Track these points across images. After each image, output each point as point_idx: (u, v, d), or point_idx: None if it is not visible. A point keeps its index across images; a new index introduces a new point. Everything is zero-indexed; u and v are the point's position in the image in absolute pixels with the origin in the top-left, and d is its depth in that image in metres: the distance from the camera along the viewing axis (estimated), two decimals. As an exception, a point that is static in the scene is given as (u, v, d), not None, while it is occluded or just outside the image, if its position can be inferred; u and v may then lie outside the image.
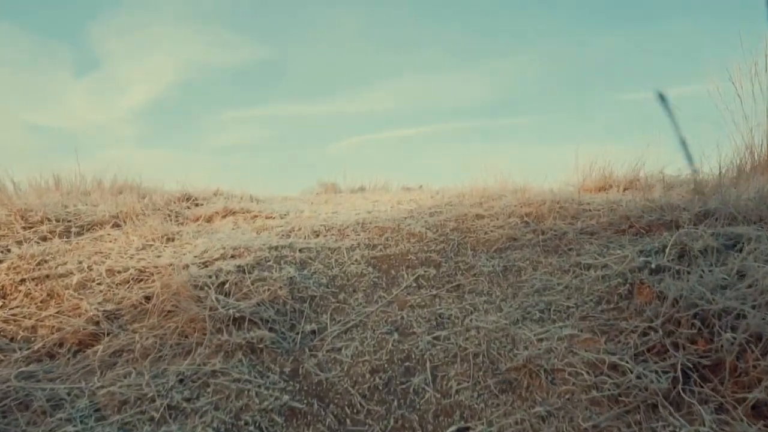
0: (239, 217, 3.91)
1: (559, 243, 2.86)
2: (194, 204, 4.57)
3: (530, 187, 4.65)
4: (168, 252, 2.96)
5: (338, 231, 3.35)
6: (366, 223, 3.48)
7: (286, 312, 2.34)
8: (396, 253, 2.92)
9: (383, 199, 5.00)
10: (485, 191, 4.42)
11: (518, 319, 2.22)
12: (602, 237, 2.87)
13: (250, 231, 3.45)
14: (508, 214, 3.37)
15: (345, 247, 3.02)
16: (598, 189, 4.47)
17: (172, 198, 4.58)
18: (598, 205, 3.37)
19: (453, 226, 3.28)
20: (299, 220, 3.66)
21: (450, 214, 3.54)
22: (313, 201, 5.52)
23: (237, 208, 4.03)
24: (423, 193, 5.03)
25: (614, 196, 3.53)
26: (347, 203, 5.04)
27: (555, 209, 3.31)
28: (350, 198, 5.66)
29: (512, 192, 4.37)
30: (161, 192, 5.12)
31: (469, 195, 4.31)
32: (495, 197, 4.12)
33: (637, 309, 2.12)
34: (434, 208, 3.93)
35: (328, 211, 4.15)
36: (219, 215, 3.98)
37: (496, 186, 4.62)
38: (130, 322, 2.37)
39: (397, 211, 4.00)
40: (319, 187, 10.55)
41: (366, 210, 4.13)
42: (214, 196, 4.91)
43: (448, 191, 4.83)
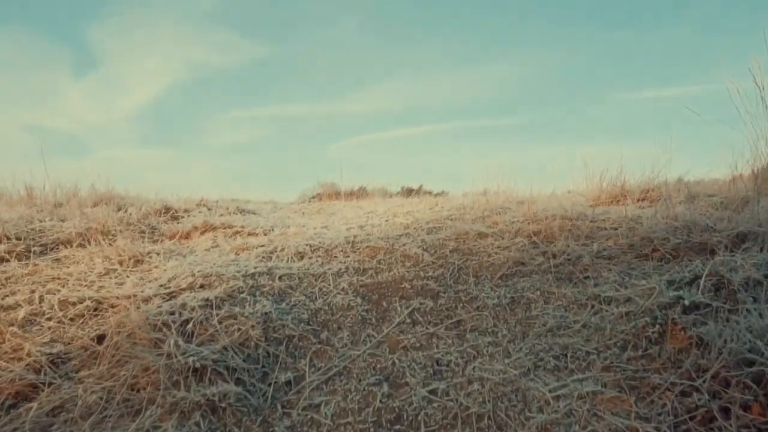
0: (219, 233, 3.58)
1: (573, 269, 2.52)
2: (174, 217, 4.24)
3: (536, 198, 4.32)
4: (132, 279, 2.63)
5: (325, 252, 3.01)
6: (357, 242, 3.15)
7: (258, 358, 2.01)
8: (388, 280, 2.59)
9: (379, 209, 4.67)
10: (488, 203, 4.09)
11: (529, 368, 1.88)
12: (622, 262, 2.53)
13: (228, 251, 3.12)
14: (514, 233, 3.03)
15: (331, 273, 2.68)
16: (610, 200, 4.14)
17: (151, 211, 4.25)
18: (614, 223, 3.04)
19: (453, 247, 2.94)
20: (283, 238, 3.32)
21: (450, 232, 3.21)
22: (304, 211, 5.20)
23: (217, 223, 3.69)
24: (421, 204, 4.69)
25: (631, 210, 3.19)
26: (340, 214, 4.70)
27: (566, 227, 2.98)
28: (343, 208, 5.33)
29: (517, 204, 4.04)
30: (142, 202, 4.78)
31: (470, 207, 3.98)
32: (499, 210, 3.79)
33: (671, 358, 1.78)
34: (432, 223, 3.60)
35: (318, 225, 3.81)
36: (198, 231, 3.65)
37: (499, 197, 4.28)
38: (78, 368, 2.04)
39: (392, 226, 3.67)
40: (319, 187, 10.25)
41: (358, 224, 3.80)
42: (196, 208, 4.58)
43: (448, 202, 4.50)
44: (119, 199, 4.90)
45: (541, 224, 3.05)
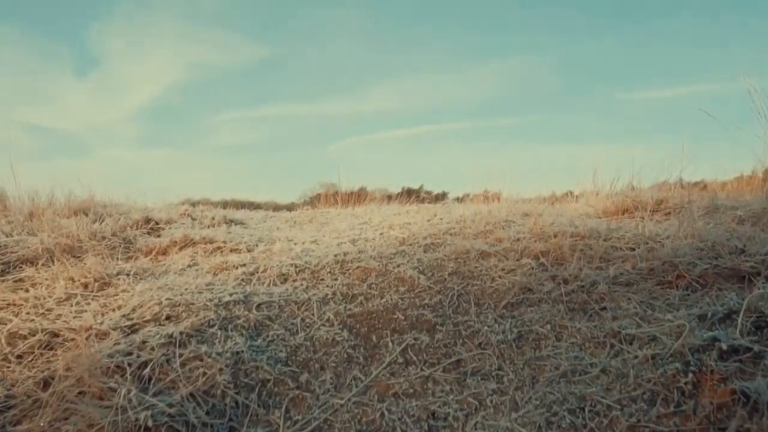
0: (199, 249, 3.30)
1: (587, 298, 2.24)
2: (154, 229, 3.96)
3: (542, 210, 4.04)
4: (94, 306, 2.35)
5: (311, 273, 2.73)
6: (347, 261, 2.87)
7: (225, 409, 1.73)
8: (380, 309, 2.31)
9: (374, 220, 4.39)
10: (490, 215, 3.81)
11: (541, 426, 1.60)
12: (642, 290, 2.25)
13: (205, 271, 2.84)
14: (520, 252, 2.75)
15: (316, 300, 2.40)
16: (621, 211, 3.85)
17: (130, 222, 3.98)
18: (630, 241, 2.76)
19: (452, 269, 2.66)
20: (267, 256, 3.05)
21: (449, 250, 2.93)
22: (296, 220, 4.92)
23: (198, 238, 3.42)
24: (419, 214, 4.41)
25: (649, 227, 2.91)
26: (332, 224, 4.43)
27: (578, 247, 2.70)
28: (337, 217, 5.05)
29: (522, 216, 3.76)
30: (122, 212, 4.51)
31: (471, 220, 3.69)
32: (502, 224, 3.51)
33: (710, 417, 1.50)
34: (430, 239, 3.32)
35: (307, 239, 3.53)
36: (176, 246, 3.37)
37: (502, 208, 4.00)
38: (19, 419, 1.76)
39: (387, 240, 3.39)
40: (320, 187, 9.94)
41: (351, 238, 3.52)
42: (180, 218, 4.31)
43: (447, 213, 4.22)
44: (100, 208, 4.63)
45: (549, 243, 2.77)
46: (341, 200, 8.81)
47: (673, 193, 4.09)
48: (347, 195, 9.85)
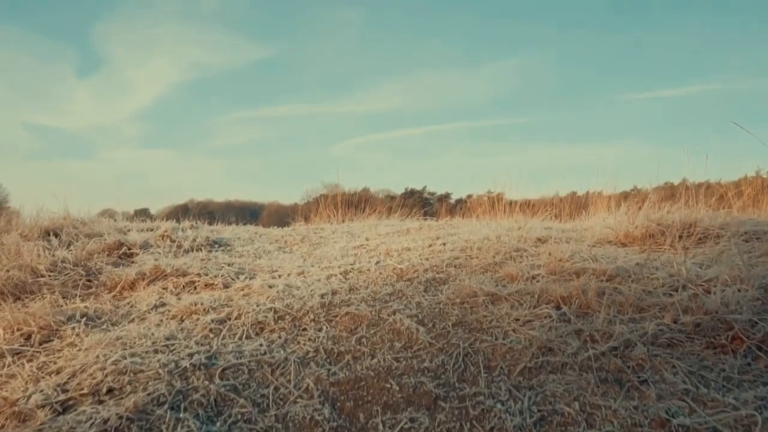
0: (170, 283, 2.91)
1: (622, 364, 1.83)
2: (127, 255, 3.58)
3: (556, 236, 3.64)
4: (28, 369, 1.97)
5: (292, 321, 2.34)
6: (334, 305, 2.48)
7: None
8: (370, 375, 1.91)
9: (371, 242, 4.00)
10: (499, 242, 3.41)
11: None
12: (690, 354, 1.85)
13: (171, 316, 2.45)
14: (537, 297, 2.35)
15: (295, 359, 2.01)
16: (646, 237, 3.45)
17: (101, 247, 3.60)
18: (666, 284, 2.35)
19: (457, 317, 2.26)
20: (245, 295, 2.66)
21: (452, 290, 2.54)
22: (286, 240, 4.53)
23: (170, 269, 3.03)
24: (419, 236, 4.01)
25: (686, 266, 2.50)
26: (325, 247, 4.03)
27: (605, 291, 2.30)
28: (332, 235, 4.66)
29: (535, 243, 3.36)
30: (96, 231, 4.13)
31: (477, 248, 3.30)
32: (512, 253, 3.11)
33: None
34: (431, 271, 2.93)
35: (293, 271, 3.14)
36: (145, 280, 2.98)
37: (513, 234, 3.60)
38: None
39: (383, 274, 3.00)
40: (323, 188, 9.50)
41: (342, 269, 3.12)
42: (158, 241, 3.92)
43: (451, 236, 3.82)
44: (73, 228, 4.25)
45: (570, 285, 2.36)
46: (341, 203, 8.41)
47: (702, 215, 3.69)
48: (350, 195, 9.44)
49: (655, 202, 4.87)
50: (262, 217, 72.05)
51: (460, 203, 46.95)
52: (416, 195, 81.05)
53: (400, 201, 31.52)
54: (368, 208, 8.73)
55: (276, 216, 64.26)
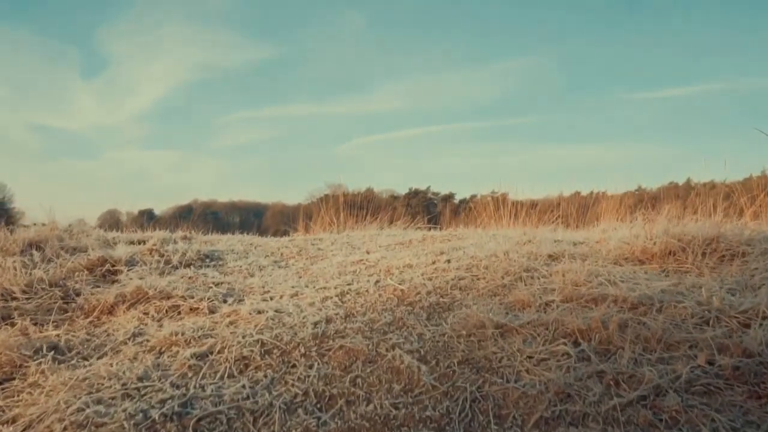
0: (152, 307, 2.69)
1: (652, 418, 1.60)
2: (110, 272, 3.37)
3: (568, 251, 3.40)
4: (-19, 415, 1.75)
5: (281, 355, 2.11)
6: (328, 336, 2.25)
7: None
8: (365, 426, 1.68)
9: (371, 256, 3.77)
10: (507, 259, 3.18)
11: None
12: (731, 405, 1.61)
13: (149, 348, 2.23)
14: (552, 329, 2.12)
15: (281, 405, 1.78)
16: (665, 254, 3.21)
17: (83, 264, 3.38)
18: (695, 314, 2.12)
19: (463, 353, 2.03)
20: (230, 324, 2.43)
21: (458, 319, 2.31)
22: (282, 252, 4.31)
23: (152, 292, 2.81)
24: (423, 251, 3.78)
25: (716, 293, 2.26)
26: (322, 262, 3.81)
27: (628, 324, 2.06)
28: (330, 247, 4.44)
29: (546, 261, 3.13)
30: (83, 244, 3.93)
31: (484, 268, 3.07)
32: (522, 273, 2.88)
33: None
34: (435, 294, 2.70)
35: (286, 293, 2.92)
36: (126, 303, 2.76)
37: (521, 251, 3.36)
38: None
39: (382, 296, 2.77)
40: (327, 188, 9.34)
41: (339, 290, 2.90)
42: (146, 256, 3.71)
43: (456, 252, 3.58)
44: (57, 241, 4.04)
45: (588, 315, 2.13)
46: (344, 204, 8.17)
47: (724, 229, 3.45)
48: (353, 196, 9.20)
49: (670, 213, 4.64)
50: (265, 217, 71.75)
51: (464, 203, 46.23)
52: (420, 195, 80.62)
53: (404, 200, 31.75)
54: (369, 216, 8.51)
55: (280, 216, 63.39)
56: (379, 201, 41.64)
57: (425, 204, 73.81)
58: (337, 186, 12.36)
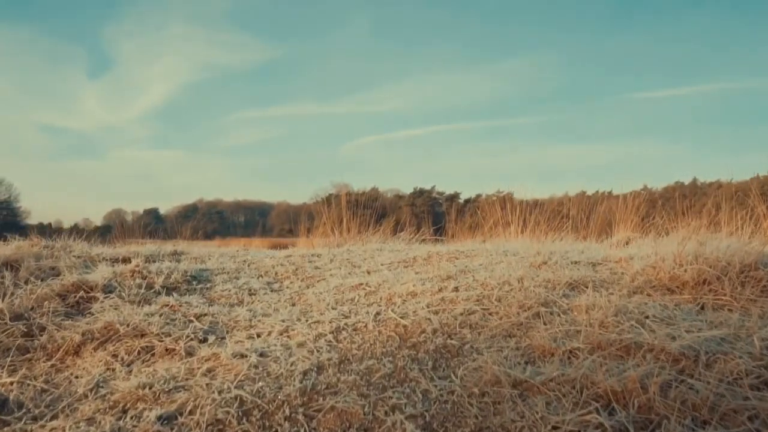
0: (123, 348, 2.39)
1: None
2: (84, 300, 3.07)
3: (587, 276, 3.07)
4: None
5: (262, 417, 1.80)
6: (318, 392, 1.94)
7: None
8: None
9: (371, 280, 3.45)
10: (522, 288, 2.86)
11: None
12: None
13: (109, 406, 1.92)
14: (580, 389, 1.80)
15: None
16: (698, 282, 2.88)
17: (55, 290, 3.09)
18: (750, 372, 1.80)
19: (476, 421, 1.71)
20: (207, 372, 2.12)
21: (470, 370, 1.99)
22: (277, 272, 4.00)
23: (124, 329, 2.50)
24: (429, 276, 3.46)
25: None
26: (317, 287, 3.50)
27: (672, 385, 1.74)
28: (329, 265, 4.13)
29: (565, 292, 2.80)
30: (61, 265, 3.63)
31: (496, 299, 2.75)
32: (541, 308, 2.56)
33: None
34: (441, 334, 2.39)
35: (275, 329, 2.61)
36: (95, 341, 2.46)
37: (537, 277, 3.04)
38: None
39: (382, 333, 2.46)
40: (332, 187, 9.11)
41: (334, 327, 2.59)
42: (127, 279, 3.41)
43: (464, 276, 3.26)
44: (34, 259, 3.76)
45: (622, 370, 1.81)
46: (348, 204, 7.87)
47: (760, 250, 3.12)
48: (358, 195, 8.93)
49: (692, 226, 4.31)
50: (270, 217, 71.68)
51: (470, 203, 46.37)
52: (425, 195, 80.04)
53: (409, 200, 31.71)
54: (373, 221, 8.21)
55: (285, 215, 63.30)
56: (384, 200, 41.82)
57: (430, 203, 73.50)
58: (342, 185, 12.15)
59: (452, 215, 22.43)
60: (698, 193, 58.86)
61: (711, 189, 60.06)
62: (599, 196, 39.87)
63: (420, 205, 75.02)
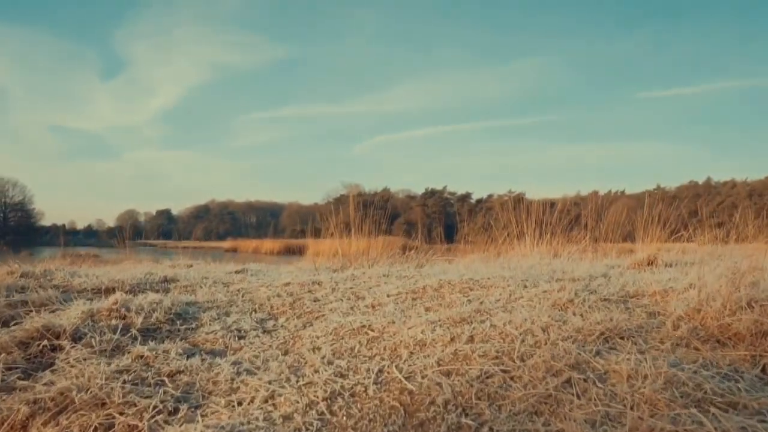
0: (77, 422, 2.02)
1: None
2: (49, 349, 2.72)
3: (624, 324, 2.66)
4: None
5: None
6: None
7: None
8: None
9: (374, 323, 3.07)
10: (548, 341, 2.46)
11: None
12: None
13: None
14: None
15: None
16: (752, 333, 2.46)
17: (15, 339, 2.74)
18: None
19: None
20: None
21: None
22: (272, 305, 3.63)
23: (80, 399, 2.14)
24: (440, 310, 3.07)
25: None
26: (314, 328, 3.12)
27: None
28: (330, 297, 3.75)
29: (596, 349, 2.40)
30: (30, 298, 3.30)
31: (518, 356, 2.35)
32: (573, 375, 2.15)
33: None
34: (455, 408, 2.01)
35: (260, 392, 2.23)
36: (45, 414, 2.10)
37: (565, 325, 2.63)
38: None
39: (383, 403, 2.08)
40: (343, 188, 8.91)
41: (327, 393, 2.20)
42: (105, 319, 3.06)
43: (481, 323, 2.86)
44: (4, 292, 3.43)
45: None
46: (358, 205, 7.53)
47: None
48: (370, 196, 8.58)
49: (748, 271, 3.84)
50: (282, 217, 72.02)
51: (481, 203, 46.62)
52: (437, 195, 79.90)
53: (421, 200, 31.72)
54: (383, 229, 7.87)
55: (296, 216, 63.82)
56: (396, 201, 42.04)
57: (442, 204, 72.94)
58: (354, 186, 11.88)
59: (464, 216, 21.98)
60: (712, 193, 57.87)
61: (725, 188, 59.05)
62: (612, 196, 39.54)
63: (432, 206, 74.50)
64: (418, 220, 64.67)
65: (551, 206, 9.89)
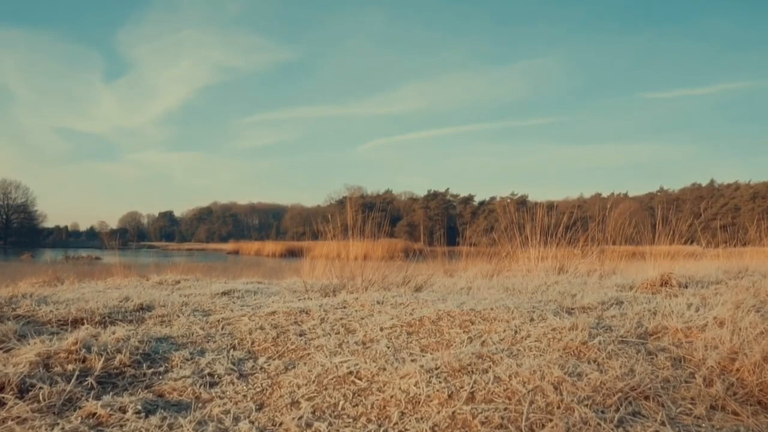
0: None
1: None
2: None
3: (646, 377, 2.31)
4: None
5: None
6: None
7: None
8: None
9: (362, 370, 2.73)
10: (561, 402, 2.11)
11: None
12: None
13: None
14: None
15: None
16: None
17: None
18: None
19: None
20: None
21: None
22: (254, 342, 3.30)
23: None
24: (437, 350, 2.72)
25: None
26: (296, 372, 2.78)
27: None
28: (311, 345, 3.41)
29: (619, 416, 2.05)
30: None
31: (528, 427, 2.00)
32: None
33: None
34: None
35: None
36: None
37: (580, 379, 2.28)
38: None
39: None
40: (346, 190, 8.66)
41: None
42: (62, 361, 2.73)
43: (484, 378, 2.51)
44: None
45: None
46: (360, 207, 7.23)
47: None
48: (372, 198, 8.28)
49: None
50: (284, 219, 71.75)
51: (483, 206, 46.42)
52: (439, 197, 79.60)
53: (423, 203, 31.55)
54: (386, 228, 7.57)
55: (298, 218, 63.87)
56: (398, 203, 41.93)
57: (444, 206, 72.51)
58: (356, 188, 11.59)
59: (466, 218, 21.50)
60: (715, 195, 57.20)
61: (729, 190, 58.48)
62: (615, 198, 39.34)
63: (434, 208, 74.09)
64: (420, 222, 64.29)
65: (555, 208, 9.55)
